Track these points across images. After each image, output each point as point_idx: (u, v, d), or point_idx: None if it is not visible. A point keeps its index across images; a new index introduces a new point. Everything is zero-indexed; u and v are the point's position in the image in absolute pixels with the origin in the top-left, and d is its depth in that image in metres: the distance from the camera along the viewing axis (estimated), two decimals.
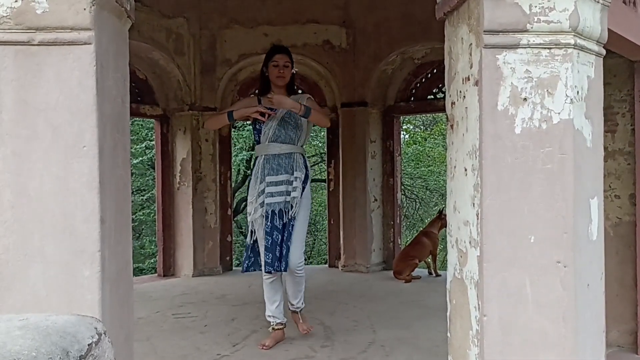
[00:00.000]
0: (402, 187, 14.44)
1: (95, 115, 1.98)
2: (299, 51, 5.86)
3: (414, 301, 4.72)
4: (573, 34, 2.09)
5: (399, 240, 6.46)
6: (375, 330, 3.91)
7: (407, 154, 15.60)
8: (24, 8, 1.94)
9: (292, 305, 3.76)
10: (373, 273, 6.07)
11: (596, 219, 2.27)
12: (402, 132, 16.58)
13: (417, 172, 14.57)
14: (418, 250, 5.87)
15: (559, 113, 2.10)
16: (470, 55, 2.19)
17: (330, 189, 6.63)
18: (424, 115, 13.80)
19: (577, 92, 2.14)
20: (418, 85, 6.29)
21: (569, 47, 2.10)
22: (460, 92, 2.28)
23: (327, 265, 6.74)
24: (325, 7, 6.13)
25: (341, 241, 6.35)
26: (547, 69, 2.09)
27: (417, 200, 14.56)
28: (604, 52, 2.33)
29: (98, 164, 1.99)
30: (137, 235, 12.61)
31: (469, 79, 2.20)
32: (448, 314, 2.46)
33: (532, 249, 2.10)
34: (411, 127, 16.61)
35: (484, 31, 2.08)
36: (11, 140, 1.96)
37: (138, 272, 10.74)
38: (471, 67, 2.18)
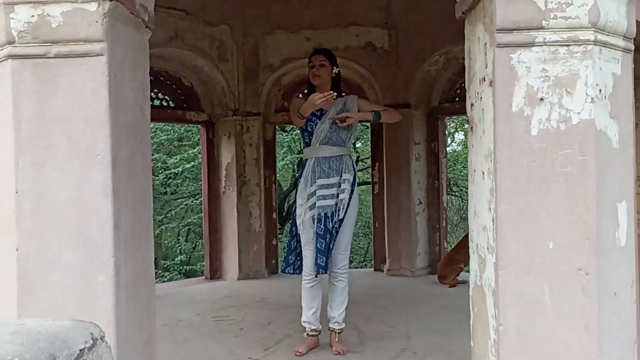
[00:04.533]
0: (459, 189, 14.14)
1: (109, 124, 2.03)
2: (341, 54, 5.80)
3: (454, 306, 4.60)
4: (593, 29, 1.99)
5: (445, 244, 6.33)
6: (410, 336, 3.83)
7: (462, 155, 15.26)
8: (40, 22, 2.01)
9: (333, 319, 3.61)
10: (418, 277, 5.97)
11: (625, 223, 2.15)
12: (458, 132, 16.24)
13: None
14: (463, 254, 5.68)
15: (578, 113, 2.00)
16: (486, 55, 2.12)
17: (375, 192, 6.57)
18: None
19: (600, 90, 2.04)
20: (463, 85, 6.14)
21: (588, 44, 1.99)
22: (478, 93, 2.21)
23: (372, 269, 6.69)
24: (367, 9, 6.08)
25: (386, 245, 6.28)
26: (565, 67, 2.00)
27: None
28: (632, 47, 2.21)
29: (111, 172, 2.03)
30: (198, 238, 12.85)
31: (484, 80, 2.13)
32: (471, 322, 2.39)
33: (551, 256, 2.00)
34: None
35: (497, 29, 2.00)
36: (30, 150, 2.03)
37: (192, 274, 10.98)
38: (486, 67, 2.11)
